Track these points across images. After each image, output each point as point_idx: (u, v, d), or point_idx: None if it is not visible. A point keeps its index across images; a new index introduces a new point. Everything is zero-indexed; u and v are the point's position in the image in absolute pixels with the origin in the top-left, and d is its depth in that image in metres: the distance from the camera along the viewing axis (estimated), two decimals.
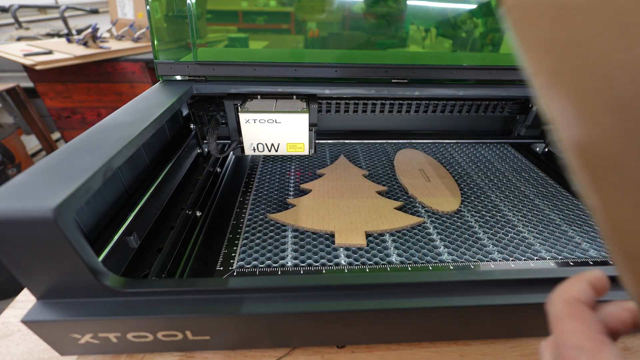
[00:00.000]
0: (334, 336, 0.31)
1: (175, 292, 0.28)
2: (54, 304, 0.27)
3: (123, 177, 0.38)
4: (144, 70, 1.43)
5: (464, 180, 0.56)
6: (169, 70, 0.53)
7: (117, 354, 0.31)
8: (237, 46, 0.57)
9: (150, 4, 0.50)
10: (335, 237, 0.41)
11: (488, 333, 0.33)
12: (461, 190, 0.53)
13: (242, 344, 0.31)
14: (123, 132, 0.33)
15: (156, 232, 0.41)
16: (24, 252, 0.23)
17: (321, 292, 0.29)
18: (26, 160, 1.54)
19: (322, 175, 0.56)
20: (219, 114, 0.55)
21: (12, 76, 1.65)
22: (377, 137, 0.69)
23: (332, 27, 0.57)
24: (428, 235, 0.42)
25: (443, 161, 0.62)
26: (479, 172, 0.59)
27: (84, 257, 0.24)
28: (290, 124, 0.50)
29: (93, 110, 1.54)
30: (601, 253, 0.40)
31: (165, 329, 0.28)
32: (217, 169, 0.57)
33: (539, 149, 0.68)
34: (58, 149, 0.29)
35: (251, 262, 0.38)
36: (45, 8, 2.22)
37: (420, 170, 0.57)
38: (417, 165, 0.59)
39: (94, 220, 0.32)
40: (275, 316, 0.27)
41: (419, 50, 0.60)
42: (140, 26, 1.60)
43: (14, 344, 0.32)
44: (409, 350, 0.33)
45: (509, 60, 0.62)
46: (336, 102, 0.62)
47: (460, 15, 0.57)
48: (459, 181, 0.55)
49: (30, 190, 0.23)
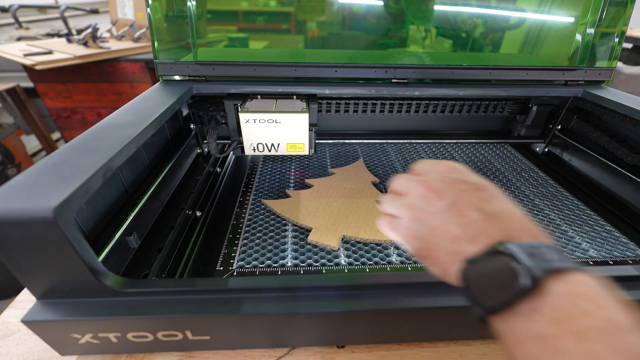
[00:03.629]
0: (334, 336, 0.31)
1: (175, 292, 0.28)
2: (54, 304, 0.27)
3: (123, 177, 0.38)
4: (144, 70, 1.43)
5: None
6: (169, 70, 0.53)
7: (117, 354, 0.31)
8: (237, 46, 0.57)
9: (151, 4, 0.50)
10: (310, 234, 0.42)
11: (488, 333, 0.33)
12: None
13: (242, 344, 0.31)
14: (123, 132, 0.33)
15: (156, 232, 0.41)
16: (24, 252, 0.23)
17: (321, 292, 0.29)
18: (26, 160, 1.54)
19: (332, 174, 0.56)
20: (219, 114, 0.55)
21: (12, 76, 1.66)
22: (377, 137, 0.69)
23: (332, 27, 0.57)
24: None
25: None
26: (479, 172, 0.59)
27: (84, 257, 0.24)
28: (290, 124, 0.50)
29: (93, 110, 1.54)
30: (601, 253, 0.40)
31: (165, 329, 0.28)
32: (217, 169, 0.57)
33: (539, 149, 0.68)
34: (58, 149, 0.29)
35: (251, 262, 0.38)
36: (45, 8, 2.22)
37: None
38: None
39: (94, 220, 0.32)
40: (275, 316, 0.27)
41: (419, 50, 0.60)
42: (140, 26, 1.60)
43: (14, 344, 0.32)
44: (409, 350, 0.33)
45: (509, 60, 0.62)
46: (336, 102, 0.62)
47: (460, 15, 0.57)
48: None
49: (30, 190, 0.23)
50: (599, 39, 0.57)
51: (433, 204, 0.22)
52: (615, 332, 0.14)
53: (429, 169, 0.26)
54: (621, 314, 0.14)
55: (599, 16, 0.55)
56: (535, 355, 0.15)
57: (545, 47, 0.60)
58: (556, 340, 0.15)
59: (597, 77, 0.59)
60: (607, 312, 0.15)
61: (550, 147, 0.67)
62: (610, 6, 0.54)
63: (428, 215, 0.22)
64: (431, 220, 0.22)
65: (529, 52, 0.61)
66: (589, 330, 0.14)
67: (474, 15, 0.58)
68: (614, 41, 0.57)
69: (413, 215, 0.23)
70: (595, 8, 0.55)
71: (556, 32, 0.58)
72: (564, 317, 0.15)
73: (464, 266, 0.19)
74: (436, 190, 0.23)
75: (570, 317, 0.15)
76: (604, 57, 0.58)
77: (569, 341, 0.14)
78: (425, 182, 0.23)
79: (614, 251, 0.40)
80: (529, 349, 0.15)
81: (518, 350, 0.16)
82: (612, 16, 0.55)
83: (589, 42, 0.56)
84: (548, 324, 0.15)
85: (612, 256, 0.40)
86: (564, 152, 0.63)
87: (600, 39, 0.57)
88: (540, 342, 0.15)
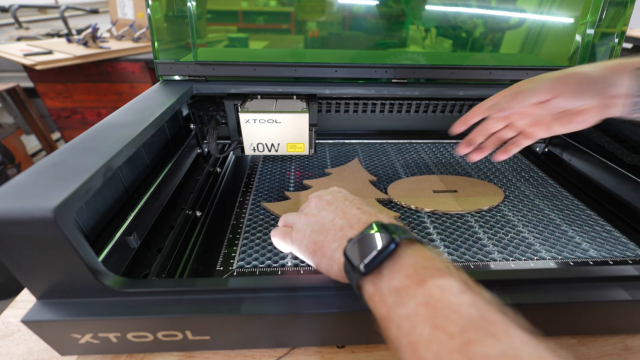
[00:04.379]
0: (334, 336, 0.31)
1: (175, 292, 0.28)
2: (54, 304, 0.27)
3: (123, 177, 0.38)
4: (144, 70, 1.43)
5: None
6: (169, 70, 0.53)
7: (117, 354, 0.31)
8: (237, 46, 0.57)
9: (151, 4, 0.50)
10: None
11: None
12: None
13: (242, 344, 0.31)
14: (123, 132, 0.33)
15: (156, 232, 0.41)
16: (24, 252, 0.23)
17: (321, 292, 0.29)
18: (26, 160, 1.54)
19: (329, 174, 0.56)
20: (219, 114, 0.55)
21: (12, 76, 1.66)
22: (377, 137, 0.69)
23: (332, 27, 0.57)
24: (428, 235, 0.42)
25: (443, 161, 0.62)
26: (479, 172, 0.59)
27: (84, 257, 0.24)
28: (290, 124, 0.50)
29: (93, 110, 1.54)
30: (601, 253, 0.40)
31: (165, 329, 0.28)
32: (217, 169, 0.57)
33: (539, 149, 0.68)
34: (58, 149, 0.29)
35: (251, 262, 0.38)
36: (45, 8, 2.22)
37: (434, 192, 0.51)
38: (429, 187, 0.52)
39: (94, 220, 0.32)
40: (275, 316, 0.27)
41: (419, 50, 0.60)
42: (140, 26, 1.60)
43: (14, 344, 0.32)
44: None
45: (509, 60, 0.62)
46: (336, 102, 0.62)
47: (461, 15, 0.57)
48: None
49: (30, 190, 0.23)
50: (599, 39, 0.57)
51: (324, 208, 0.30)
52: (440, 277, 0.20)
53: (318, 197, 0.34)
54: (446, 266, 0.21)
55: (599, 16, 0.55)
56: (392, 304, 0.20)
57: (545, 47, 0.60)
58: (408, 290, 0.20)
59: None
60: (436, 264, 0.21)
61: (550, 147, 0.67)
62: (610, 6, 0.54)
63: (320, 217, 0.30)
64: (322, 219, 0.29)
65: (529, 52, 0.61)
66: (426, 278, 0.20)
67: (474, 16, 0.58)
68: (614, 41, 0.57)
69: (307, 220, 0.30)
70: (595, 8, 0.55)
71: (556, 32, 0.59)
72: (412, 273, 0.21)
73: (345, 244, 0.25)
74: (327, 201, 0.31)
75: (415, 272, 0.21)
76: (604, 57, 0.58)
77: (415, 288, 0.20)
78: (319, 197, 0.32)
79: (614, 251, 0.40)
80: (388, 301, 0.21)
81: (381, 307, 0.21)
82: (612, 16, 0.55)
83: (589, 42, 0.56)
84: (403, 279, 0.21)
85: (612, 256, 0.40)
86: (564, 152, 0.63)
87: (600, 39, 0.57)
88: (397, 293, 0.20)
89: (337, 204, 0.30)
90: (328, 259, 0.27)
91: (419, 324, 0.18)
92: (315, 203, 0.31)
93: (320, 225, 0.29)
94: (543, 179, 0.57)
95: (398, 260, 0.22)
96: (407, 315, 0.19)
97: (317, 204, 0.31)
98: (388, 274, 0.22)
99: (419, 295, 0.19)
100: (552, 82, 0.35)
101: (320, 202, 0.31)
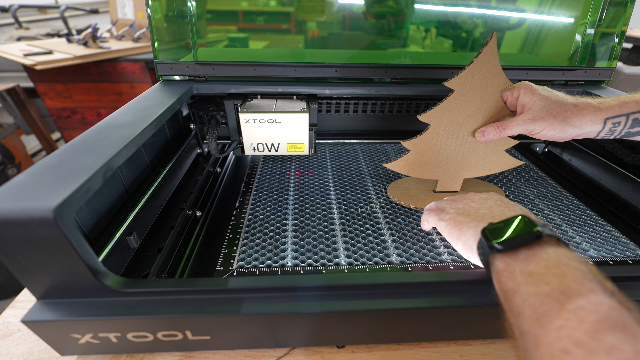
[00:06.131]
0: (334, 336, 0.31)
1: (175, 292, 0.28)
2: (54, 304, 0.27)
3: (123, 177, 0.38)
4: (144, 70, 1.43)
5: None
6: (169, 70, 0.53)
7: (117, 354, 0.31)
8: (237, 46, 0.57)
9: (151, 4, 0.50)
10: (436, 185, 0.48)
11: (488, 333, 0.33)
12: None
13: (242, 344, 0.31)
14: (123, 132, 0.33)
15: (156, 232, 0.41)
16: (24, 252, 0.23)
17: (321, 292, 0.29)
18: (26, 160, 1.54)
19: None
20: (219, 114, 0.55)
21: (12, 76, 1.65)
22: (377, 137, 0.69)
23: (332, 27, 0.57)
24: (428, 235, 0.42)
25: None
26: None
27: (84, 257, 0.24)
28: (290, 124, 0.50)
29: (93, 110, 1.54)
30: (601, 253, 0.40)
31: (165, 329, 0.28)
32: (217, 169, 0.57)
33: (539, 149, 0.68)
34: (58, 149, 0.29)
35: (251, 262, 0.38)
36: (45, 8, 2.22)
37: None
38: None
39: (94, 220, 0.32)
40: (275, 316, 0.27)
41: (419, 50, 0.60)
42: (140, 26, 1.60)
43: (14, 344, 0.32)
44: (409, 350, 0.33)
45: (509, 60, 0.62)
46: (336, 102, 0.62)
47: (461, 15, 0.57)
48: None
49: (30, 190, 0.23)
50: (599, 39, 0.57)
51: (475, 201, 0.34)
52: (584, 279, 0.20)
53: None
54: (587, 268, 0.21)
55: (599, 16, 0.55)
56: (522, 282, 0.21)
57: (545, 47, 0.60)
58: (543, 277, 0.21)
59: (597, 77, 0.59)
60: (579, 265, 0.21)
61: (550, 147, 0.67)
62: (610, 6, 0.54)
63: (468, 206, 0.34)
64: (469, 207, 0.33)
65: (529, 52, 0.61)
66: (566, 274, 0.21)
67: (474, 15, 0.58)
68: (613, 41, 0.57)
69: (456, 205, 0.34)
70: (595, 8, 0.55)
71: (556, 32, 0.59)
72: (552, 265, 0.21)
73: (485, 225, 0.27)
74: (480, 197, 0.35)
75: (555, 265, 0.21)
76: (603, 57, 0.58)
77: (552, 277, 0.21)
78: (470, 194, 0.36)
79: (614, 251, 0.40)
80: (518, 279, 0.22)
81: (509, 281, 0.22)
82: (612, 16, 0.55)
83: (589, 42, 0.56)
84: (541, 268, 0.22)
85: (612, 256, 0.40)
86: (564, 152, 0.63)
87: (600, 39, 0.57)
88: (529, 276, 0.22)
89: (489, 202, 0.33)
90: (464, 237, 0.30)
91: (547, 302, 0.19)
92: (470, 195, 0.35)
93: (466, 211, 0.33)
94: (543, 179, 0.57)
95: (539, 251, 0.23)
96: (537, 293, 0.20)
97: (471, 196, 0.35)
98: (524, 259, 0.23)
99: (556, 283, 0.20)
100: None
101: (474, 196, 0.35)
